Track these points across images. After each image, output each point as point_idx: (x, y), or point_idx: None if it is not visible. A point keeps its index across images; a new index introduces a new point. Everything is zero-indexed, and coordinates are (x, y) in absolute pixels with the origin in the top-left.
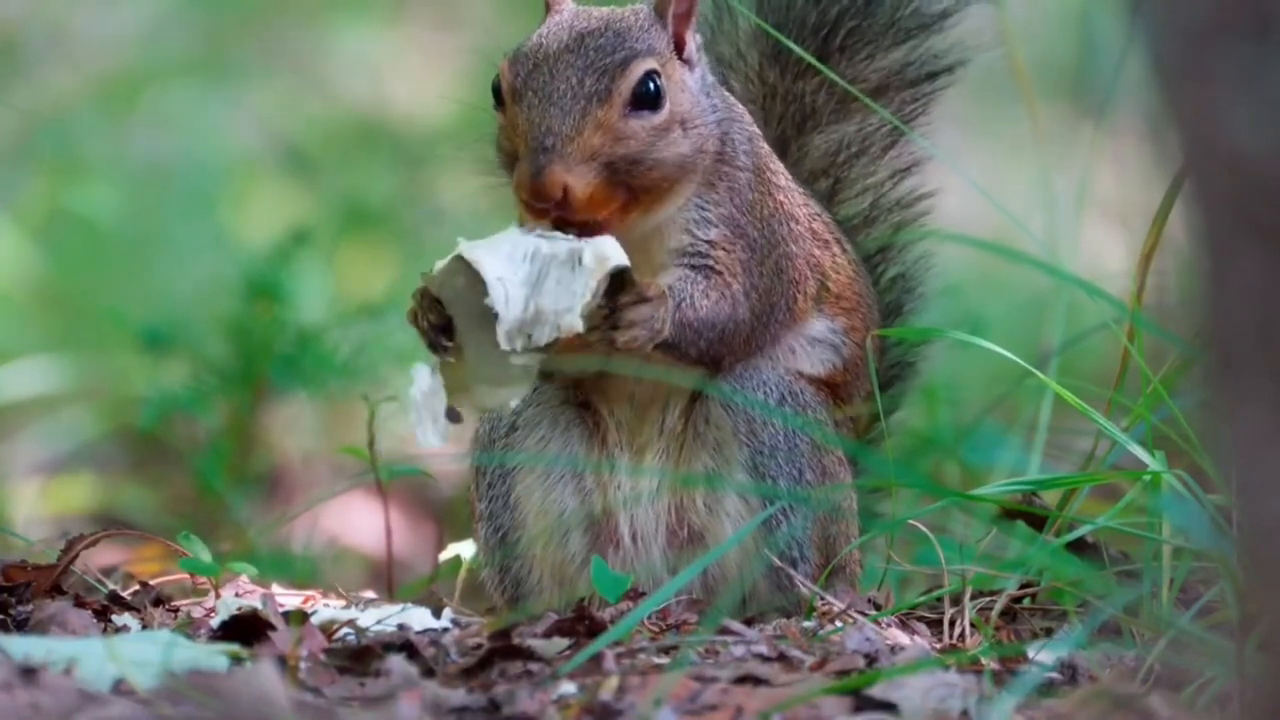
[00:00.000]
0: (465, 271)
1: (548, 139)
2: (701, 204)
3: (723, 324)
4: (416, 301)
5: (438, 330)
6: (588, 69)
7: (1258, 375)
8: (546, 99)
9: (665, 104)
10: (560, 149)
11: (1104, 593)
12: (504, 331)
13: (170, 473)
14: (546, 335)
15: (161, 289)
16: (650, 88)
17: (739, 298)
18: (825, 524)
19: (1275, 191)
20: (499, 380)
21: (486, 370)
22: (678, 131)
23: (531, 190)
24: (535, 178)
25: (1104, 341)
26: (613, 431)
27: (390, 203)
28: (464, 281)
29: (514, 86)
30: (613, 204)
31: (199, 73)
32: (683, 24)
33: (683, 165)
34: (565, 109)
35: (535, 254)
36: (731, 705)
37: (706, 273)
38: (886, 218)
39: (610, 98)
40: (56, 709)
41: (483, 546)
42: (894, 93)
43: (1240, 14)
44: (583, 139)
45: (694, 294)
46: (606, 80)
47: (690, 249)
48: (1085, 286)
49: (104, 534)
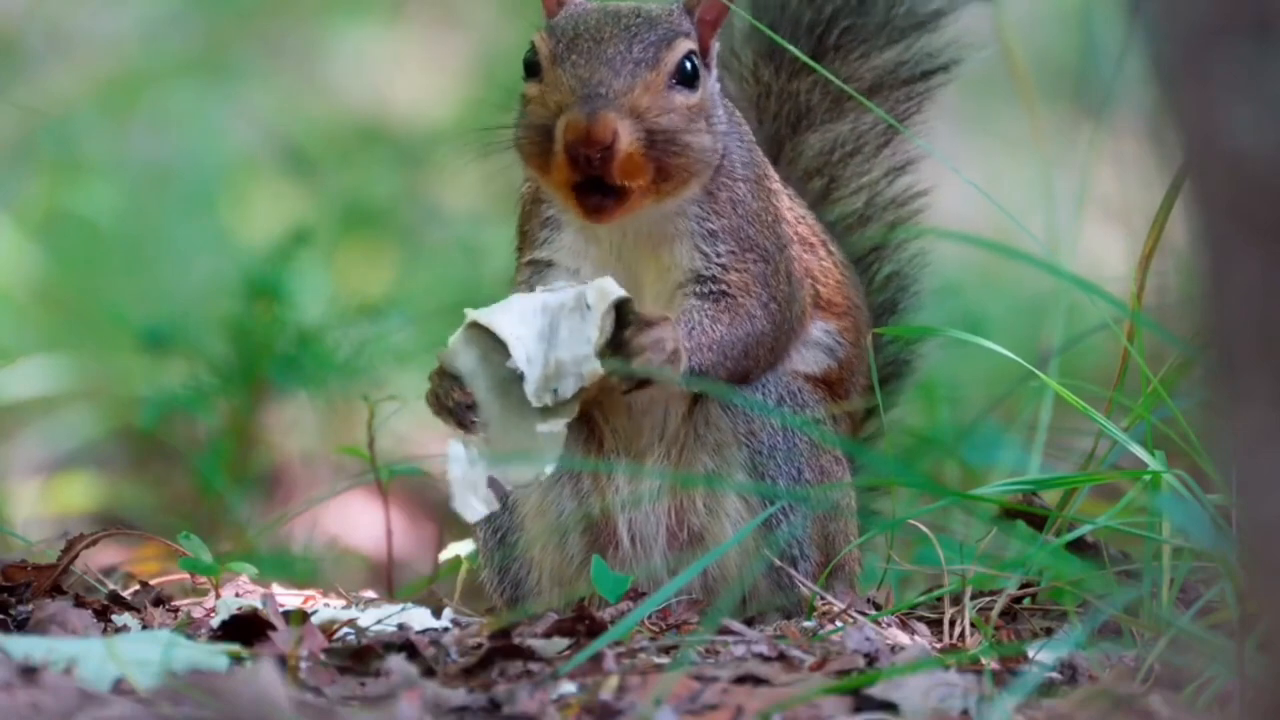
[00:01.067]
0: (480, 340)
1: (600, 88)
2: (704, 214)
3: (744, 341)
4: (435, 383)
5: (464, 409)
6: (634, 39)
7: (1258, 374)
8: (596, 59)
9: (700, 87)
10: (613, 99)
11: (1104, 593)
12: (532, 389)
13: (170, 473)
14: (571, 387)
15: (161, 289)
16: (689, 67)
17: (755, 312)
18: (825, 523)
19: (1275, 191)
20: (530, 447)
21: (515, 439)
22: (703, 121)
23: (585, 133)
24: (590, 118)
25: (1104, 341)
26: (609, 438)
27: (390, 203)
28: (480, 350)
29: (555, 52)
30: (643, 176)
31: (199, 73)
32: (709, 30)
33: (703, 157)
34: (616, 69)
35: (544, 308)
36: (732, 705)
37: (718, 299)
38: (881, 216)
39: (658, 65)
40: (57, 709)
41: (482, 548)
42: (888, 91)
43: (1240, 14)
44: (634, 96)
45: (703, 321)
46: (654, 50)
47: (705, 273)
48: (1085, 286)
49: (104, 534)
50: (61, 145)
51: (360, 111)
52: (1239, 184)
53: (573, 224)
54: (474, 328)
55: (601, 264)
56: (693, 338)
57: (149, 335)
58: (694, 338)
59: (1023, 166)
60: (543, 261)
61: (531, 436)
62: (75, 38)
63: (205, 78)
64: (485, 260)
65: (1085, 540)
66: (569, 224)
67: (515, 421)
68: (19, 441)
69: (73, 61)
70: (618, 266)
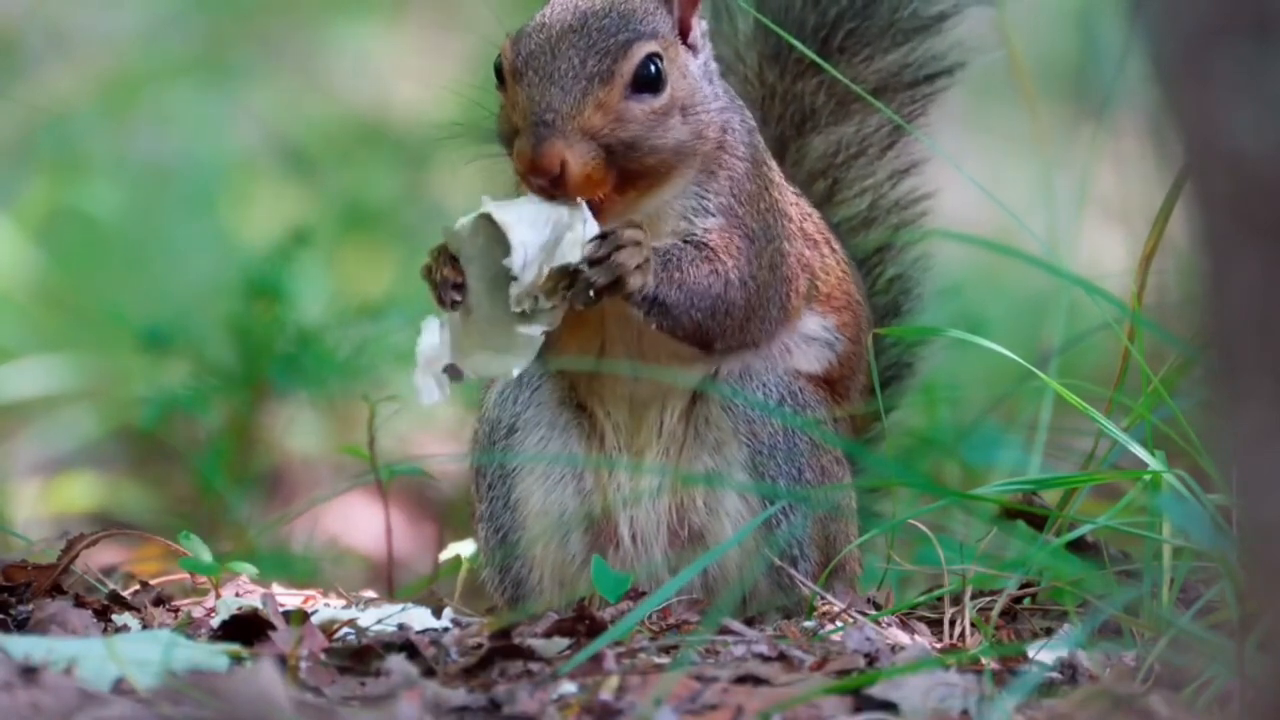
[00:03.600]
0: (487, 230)
1: (547, 114)
2: (701, 192)
3: (714, 298)
4: (433, 257)
5: (452, 287)
6: (589, 49)
7: (1258, 374)
8: (548, 78)
9: (666, 88)
10: (560, 125)
11: (1104, 593)
12: (515, 295)
13: (170, 473)
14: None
15: (162, 289)
16: (651, 70)
17: (731, 278)
18: (825, 523)
19: (1275, 191)
20: (504, 347)
21: (493, 334)
22: (677, 117)
23: (530, 164)
24: (535, 150)
25: (1104, 341)
26: (610, 434)
27: (390, 203)
28: (484, 241)
29: (515, 66)
30: (607, 184)
31: (199, 73)
32: (689, 9)
33: (680, 151)
34: (566, 88)
35: (551, 220)
36: (732, 705)
37: (700, 248)
38: (885, 219)
39: (612, 79)
40: (57, 708)
41: (483, 547)
42: (892, 94)
43: (1240, 14)
44: (583, 117)
45: (683, 259)
46: (608, 61)
47: (687, 234)
48: (1085, 286)
49: (104, 534)
50: (62, 145)
51: (360, 111)
52: (1239, 184)
53: None
54: (485, 218)
55: None
56: (667, 269)
57: (149, 335)
58: (668, 269)
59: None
60: None
61: (511, 336)
62: (75, 38)
63: (205, 78)
64: None
65: (1085, 540)
66: None
67: (497, 316)
68: (19, 441)
69: (73, 61)
70: None
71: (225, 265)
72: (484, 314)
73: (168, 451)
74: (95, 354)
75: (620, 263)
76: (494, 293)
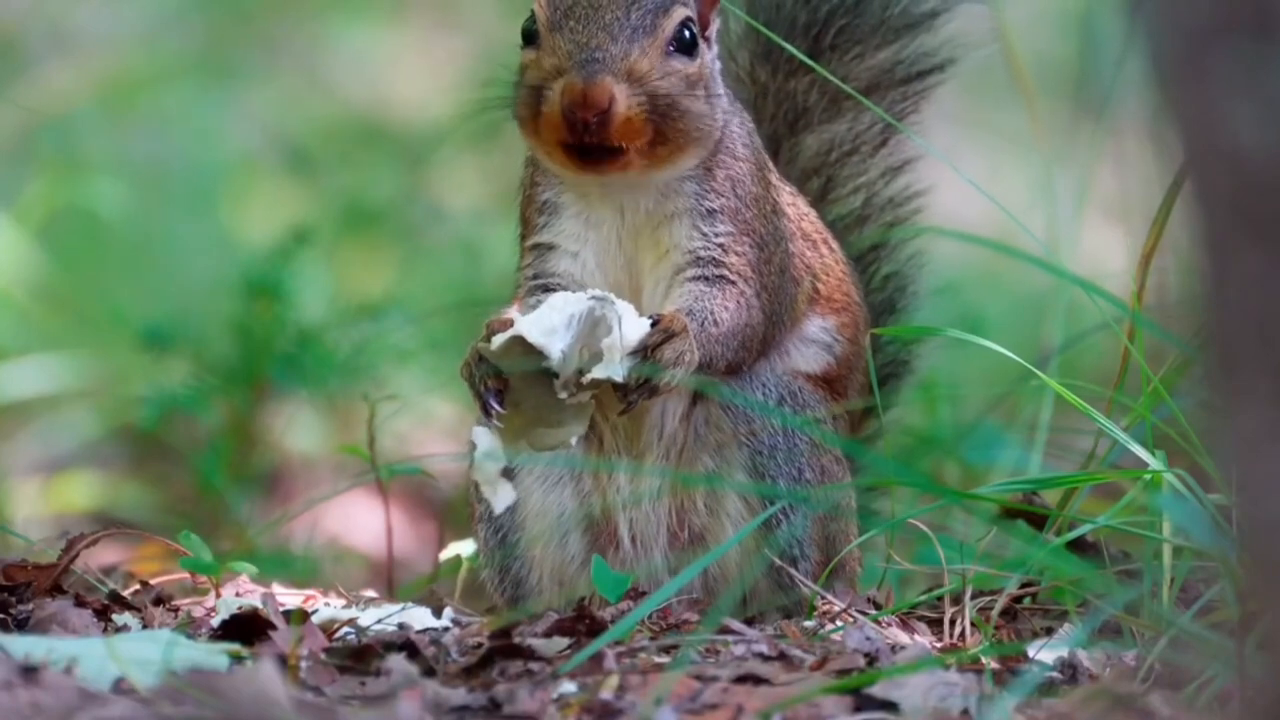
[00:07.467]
0: (522, 345)
1: (597, 53)
2: (702, 192)
3: (742, 331)
4: (474, 365)
5: (494, 394)
6: (632, 6)
7: (1257, 373)
8: (593, 24)
9: (699, 55)
10: (610, 64)
11: (1104, 592)
12: (559, 386)
13: (170, 472)
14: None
15: (162, 288)
16: (687, 35)
17: (752, 301)
18: (825, 523)
19: (1275, 191)
20: (558, 421)
21: (545, 412)
22: (702, 91)
23: (581, 95)
24: (586, 82)
25: (1104, 341)
26: (609, 436)
27: (390, 202)
28: (520, 351)
29: (552, 19)
30: (642, 137)
31: (199, 73)
32: (708, 6)
33: (701, 124)
34: (614, 34)
35: (582, 316)
36: (732, 704)
37: (721, 284)
38: (879, 216)
39: (656, 31)
40: (57, 708)
41: (483, 547)
42: (884, 91)
43: (1240, 13)
44: (631, 60)
45: (714, 309)
46: (651, 17)
47: (704, 254)
48: (1085, 286)
49: (104, 533)
50: (62, 145)
51: (360, 111)
52: (1239, 183)
53: (570, 208)
54: (521, 339)
55: (601, 248)
56: (705, 330)
57: (149, 335)
58: (705, 330)
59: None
60: (545, 245)
61: (561, 410)
62: (75, 38)
63: (205, 78)
64: (485, 259)
65: (1085, 540)
66: (566, 208)
67: (547, 401)
68: (19, 441)
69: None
70: (617, 250)
71: (225, 264)
72: (532, 403)
73: (168, 451)
74: (95, 353)
75: (665, 382)
76: (536, 385)
